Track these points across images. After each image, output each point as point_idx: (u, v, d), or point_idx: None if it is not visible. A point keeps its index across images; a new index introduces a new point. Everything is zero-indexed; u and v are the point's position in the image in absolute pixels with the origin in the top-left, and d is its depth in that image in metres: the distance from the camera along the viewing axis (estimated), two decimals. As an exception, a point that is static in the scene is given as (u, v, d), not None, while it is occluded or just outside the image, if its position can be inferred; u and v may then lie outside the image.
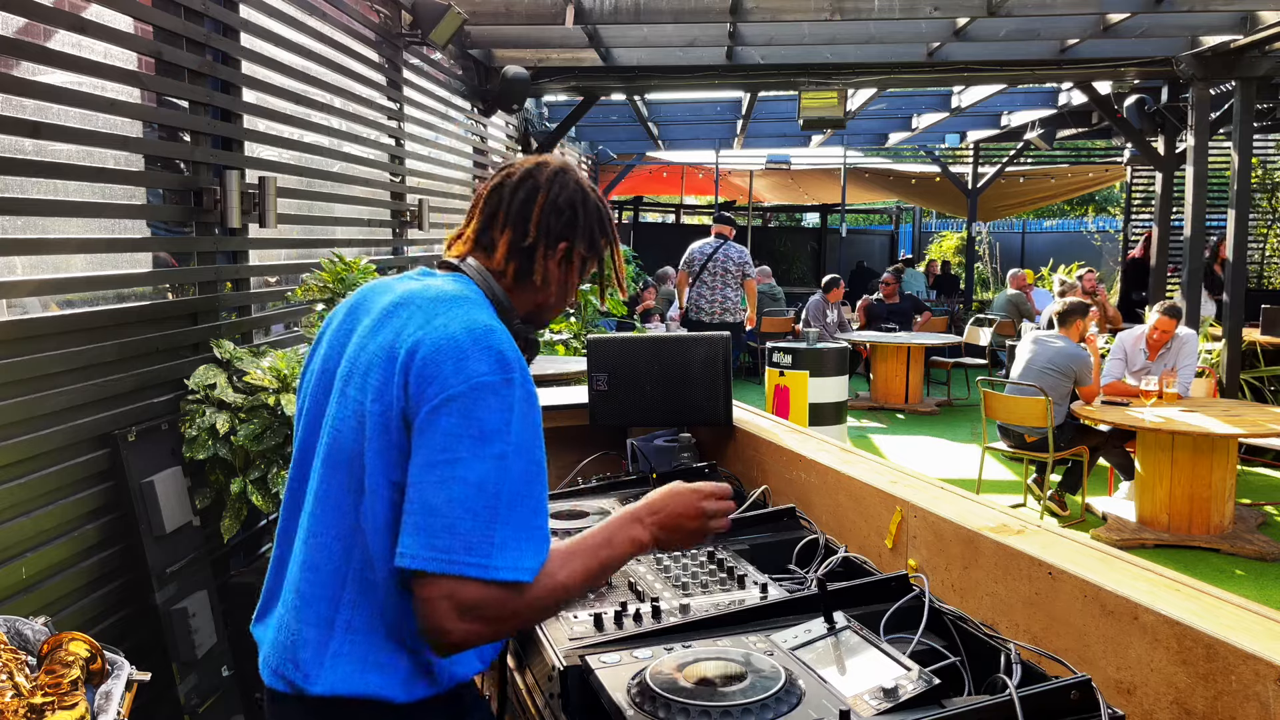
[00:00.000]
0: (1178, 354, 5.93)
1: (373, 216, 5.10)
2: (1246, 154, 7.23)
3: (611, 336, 2.63)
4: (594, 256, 1.54)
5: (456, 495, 1.20)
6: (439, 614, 1.18)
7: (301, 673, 1.30)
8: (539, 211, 1.47)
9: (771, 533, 1.93)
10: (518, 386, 1.26)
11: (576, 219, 1.50)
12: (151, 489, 2.87)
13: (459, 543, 1.18)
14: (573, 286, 1.55)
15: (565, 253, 1.50)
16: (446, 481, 1.20)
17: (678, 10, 6.24)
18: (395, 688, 1.29)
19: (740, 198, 17.76)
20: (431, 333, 1.29)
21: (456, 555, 1.18)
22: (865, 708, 1.16)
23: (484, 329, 1.29)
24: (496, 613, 1.20)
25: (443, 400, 1.23)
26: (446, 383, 1.24)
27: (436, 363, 1.26)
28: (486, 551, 1.19)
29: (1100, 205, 23.29)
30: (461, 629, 1.19)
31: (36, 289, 2.68)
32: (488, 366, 1.25)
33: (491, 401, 1.23)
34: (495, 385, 1.24)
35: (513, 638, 1.62)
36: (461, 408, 1.23)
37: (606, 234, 1.56)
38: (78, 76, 2.77)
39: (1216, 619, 1.24)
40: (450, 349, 1.26)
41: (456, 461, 1.21)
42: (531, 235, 1.47)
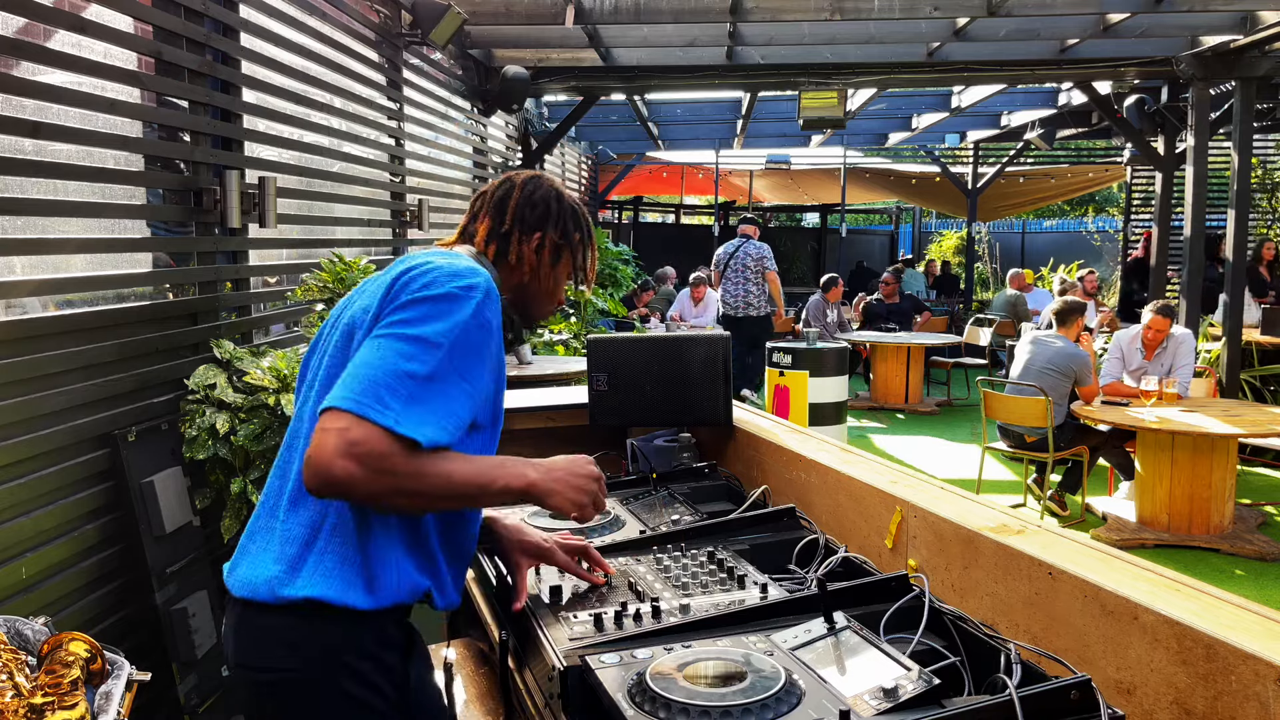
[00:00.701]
0: (1175, 354, 5.93)
1: (373, 216, 5.10)
2: (1246, 154, 7.23)
3: (611, 336, 2.63)
4: (566, 245, 1.66)
5: (385, 360, 1.32)
6: (326, 443, 1.26)
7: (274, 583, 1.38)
8: (514, 204, 1.65)
9: (771, 533, 1.93)
10: (475, 305, 1.39)
11: (549, 212, 1.65)
12: (151, 489, 2.87)
13: (371, 392, 1.29)
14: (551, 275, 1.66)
15: (541, 241, 1.64)
16: (383, 348, 1.34)
17: (678, 10, 6.24)
18: (356, 594, 1.38)
19: (740, 198, 17.76)
20: (419, 263, 1.45)
21: (364, 398, 1.28)
22: (865, 708, 1.16)
23: (468, 268, 1.44)
24: (377, 459, 1.27)
25: (409, 298, 1.39)
26: (418, 289, 1.39)
27: (416, 278, 1.41)
28: (391, 404, 1.28)
29: (1100, 205, 23.30)
30: (340, 464, 1.26)
31: (36, 289, 2.68)
32: (456, 286, 1.39)
33: (446, 307, 1.37)
34: (456, 297, 1.38)
35: (512, 639, 1.62)
36: (419, 305, 1.37)
37: (581, 229, 1.69)
38: (78, 76, 2.77)
39: (1216, 619, 1.24)
40: (432, 272, 1.41)
41: (396, 338, 1.34)
42: (507, 223, 1.63)
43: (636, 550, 1.80)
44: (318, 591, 1.36)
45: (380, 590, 1.40)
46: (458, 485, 1.36)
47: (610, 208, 17.55)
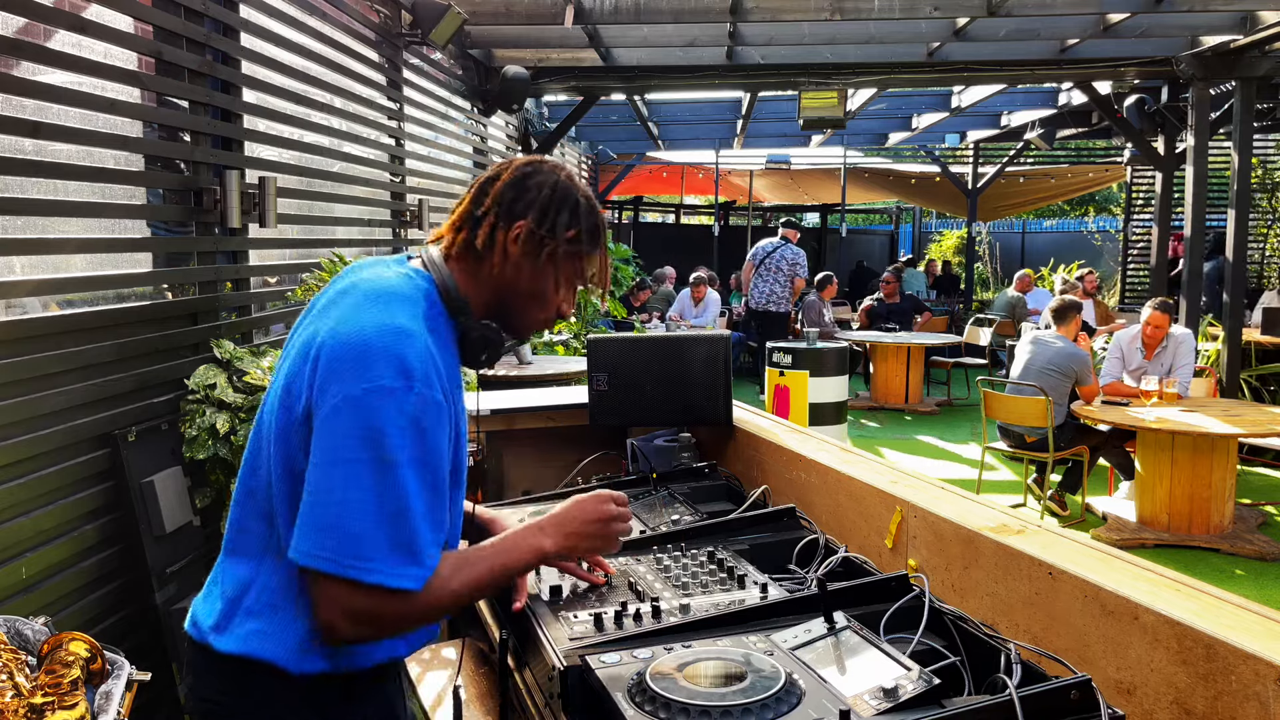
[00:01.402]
0: (1174, 353, 5.93)
1: (373, 216, 5.10)
2: (1246, 154, 7.23)
3: (611, 336, 2.63)
4: (551, 239, 1.40)
5: (348, 499, 1.21)
6: (329, 615, 1.24)
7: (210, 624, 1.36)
8: (500, 186, 1.43)
9: (771, 533, 1.93)
10: (416, 395, 1.24)
11: (537, 198, 1.41)
12: (151, 489, 2.87)
13: (348, 547, 1.21)
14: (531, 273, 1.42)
15: (524, 233, 1.40)
16: (339, 485, 1.22)
17: (678, 10, 6.24)
18: (289, 658, 1.33)
19: (740, 198, 17.76)
20: (343, 328, 1.28)
21: (345, 559, 1.21)
22: (865, 708, 1.16)
23: (395, 332, 1.26)
24: (384, 618, 1.25)
25: (340, 401, 1.23)
26: (345, 384, 1.24)
27: (341, 360, 1.25)
28: (372, 556, 1.21)
29: (1100, 205, 23.29)
30: (353, 631, 1.25)
31: (36, 289, 2.68)
32: (389, 372, 1.23)
33: (388, 407, 1.23)
34: (395, 391, 1.23)
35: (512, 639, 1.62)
36: (357, 412, 1.22)
37: (579, 225, 1.43)
38: (78, 76, 2.77)
39: (1216, 619, 1.24)
40: (356, 348, 1.25)
41: (349, 463, 1.22)
42: (485, 206, 1.42)
43: (636, 550, 1.80)
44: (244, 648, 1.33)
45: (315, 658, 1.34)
46: (473, 594, 1.35)
47: (610, 208, 17.54)
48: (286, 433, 1.31)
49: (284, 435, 1.31)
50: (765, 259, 9.72)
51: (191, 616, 1.41)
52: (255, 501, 1.37)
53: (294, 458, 1.30)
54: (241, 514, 1.39)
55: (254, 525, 1.37)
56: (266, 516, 1.35)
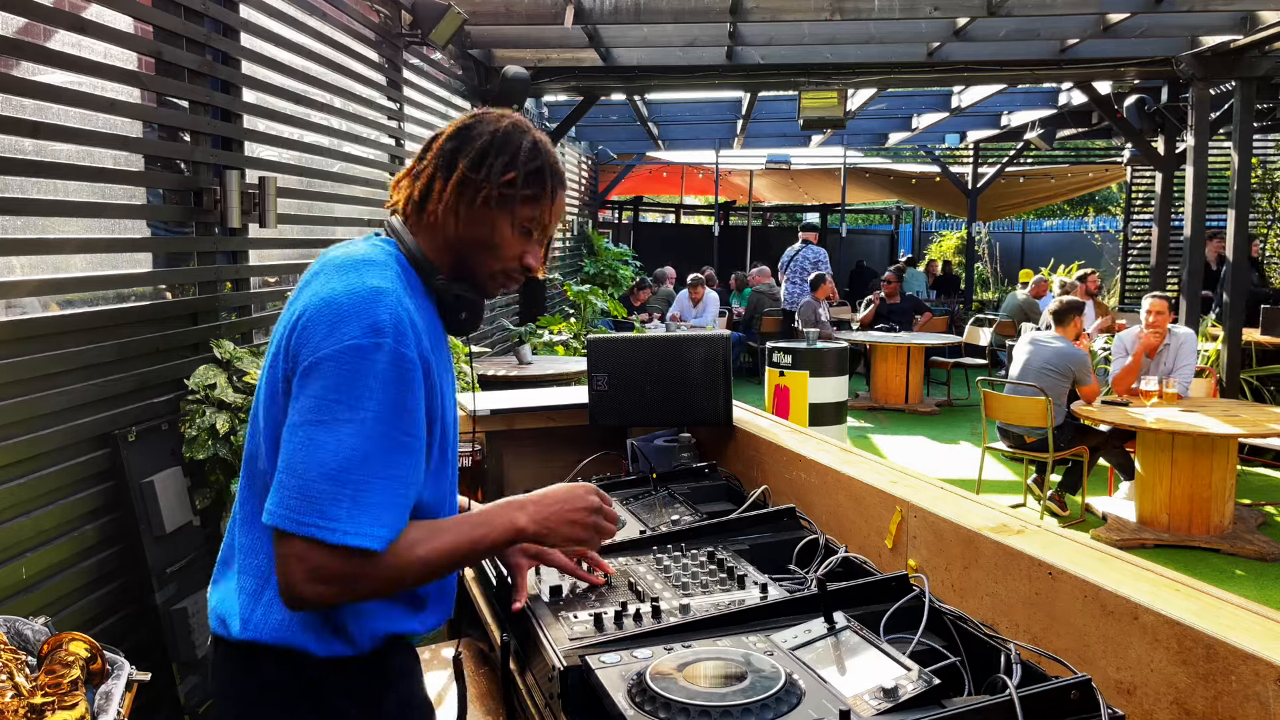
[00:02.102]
0: (1175, 354, 5.93)
1: (373, 217, 5.10)
2: (1246, 154, 7.23)
3: (611, 336, 2.63)
4: (486, 183, 1.36)
5: (314, 458, 1.20)
6: (289, 572, 1.21)
7: (238, 620, 1.34)
8: (443, 138, 1.41)
9: (771, 533, 1.93)
10: (387, 352, 1.24)
11: (475, 145, 1.38)
12: (151, 489, 2.87)
13: (310, 505, 1.20)
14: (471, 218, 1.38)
15: (457, 179, 1.37)
16: (306, 444, 1.21)
17: (678, 10, 6.24)
18: (313, 641, 1.32)
19: (740, 198, 17.76)
20: (316, 298, 1.28)
21: (306, 517, 1.20)
22: (865, 708, 1.16)
23: (368, 291, 1.26)
24: (344, 578, 1.22)
25: (312, 362, 1.23)
26: (318, 345, 1.24)
27: (314, 324, 1.25)
28: (335, 515, 1.20)
29: (1100, 205, 23.29)
30: (311, 590, 1.22)
31: (36, 289, 2.68)
32: (359, 330, 1.23)
33: (358, 365, 1.22)
34: (364, 349, 1.22)
35: (512, 640, 1.62)
36: (328, 370, 1.22)
37: (516, 169, 1.38)
38: (78, 76, 2.77)
39: (1216, 619, 1.24)
40: (328, 311, 1.25)
41: (318, 424, 1.21)
42: (426, 160, 1.41)
43: (636, 550, 1.80)
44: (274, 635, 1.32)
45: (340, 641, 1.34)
46: (442, 563, 1.31)
47: (610, 208, 17.55)
48: (271, 409, 1.31)
49: (270, 411, 1.31)
50: (789, 263, 10.73)
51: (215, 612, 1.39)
52: (254, 487, 1.37)
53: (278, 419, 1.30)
54: (247, 508, 1.38)
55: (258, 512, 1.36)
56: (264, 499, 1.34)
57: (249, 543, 1.36)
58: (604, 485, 2.33)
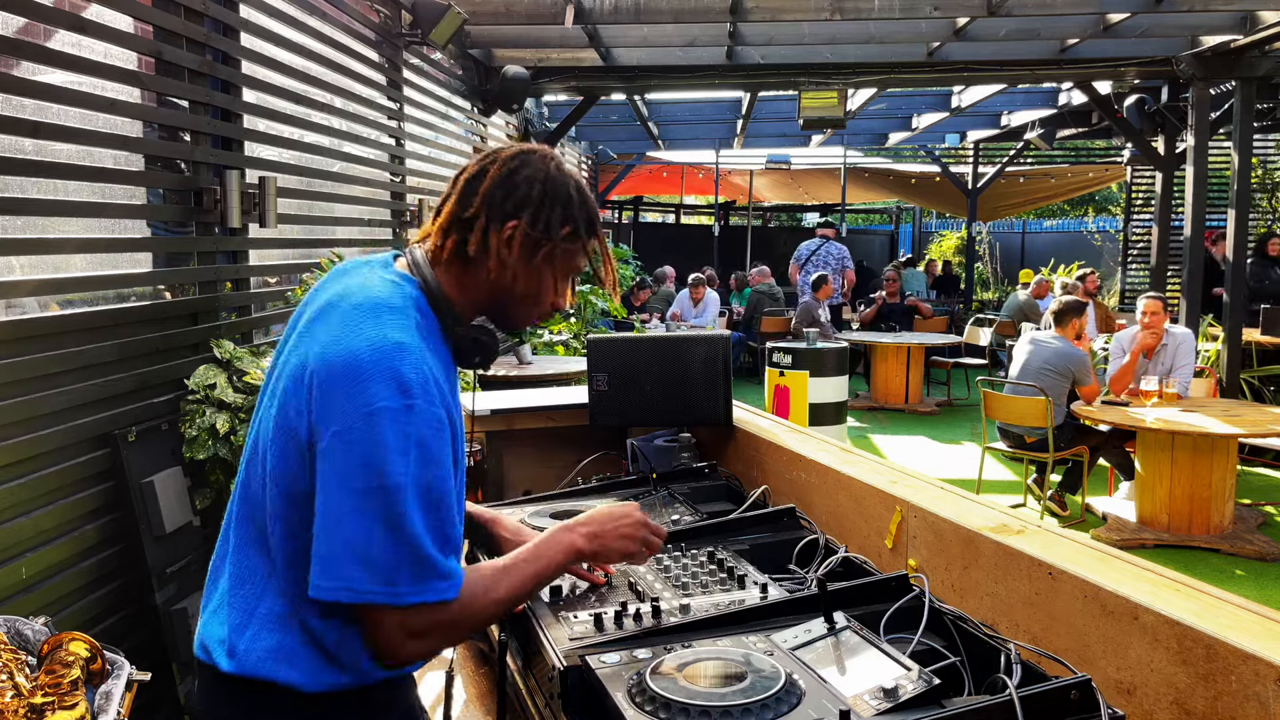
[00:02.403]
0: (1175, 354, 5.93)
1: (373, 216, 5.10)
2: (1246, 154, 7.23)
3: (611, 336, 2.63)
4: (547, 240, 1.36)
5: (360, 527, 1.20)
6: (388, 639, 1.25)
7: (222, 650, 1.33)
8: (488, 184, 1.37)
9: (771, 533, 1.93)
10: (416, 413, 1.23)
11: (530, 195, 1.36)
12: (151, 489, 2.87)
13: (375, 575, 1.21)
14: (527, 274, 1.38)
15: (515, 233, 1.35)
16: (349, 515, 1.20)
17: (678, 10, 6.24)
18: (302, 676, 1.31)
19: (740, 198, 17.76)
20: (335, 350, 1.25)
21: (371, 586, 1.21)
22: (865, 708, 1.16)
23: (391, 347, 1.23)
24: (432, 631, 1.27)
25: (341, 428, 1.21)
26: (344, 410, 1.21)
27: (336, 384, 1.22)
28: (396, 580, 1.22)
29: (1100, 205, 23.29)
30: (410, 649, 1.26)
31: (36, 289, 2.68)
32: (386, 391, 1.21)
33: (388, 429, 1.20)
34: (395, 411, 1.21)
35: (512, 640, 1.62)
36: (360, 437, 1.20)
37: (575, 222, 1.39)
38: (78, 76, 2.77)
39: (1216, 619, 1.24)
40: (350, 370, 1.22)
41: (357, 493, 1.20)
42: (474, 208, 1.36)
43: (636, 550, 1.79)
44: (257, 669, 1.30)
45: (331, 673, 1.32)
46: (521, 596, 1.38)
47: (610, 208, 17.55)
48: (285, 456, 1.28)
49: (283, 458, 1.28)
50: (810, 257, 10.77)
51: (200, 641, 1.38)
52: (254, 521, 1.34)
53: (295, 479, 1.27)
54: (241, 534, 1.36)
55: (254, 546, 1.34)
56: (263, 537, 1.33)
57: (238, 571, 1.34)
58: (604, 485, 2.33)
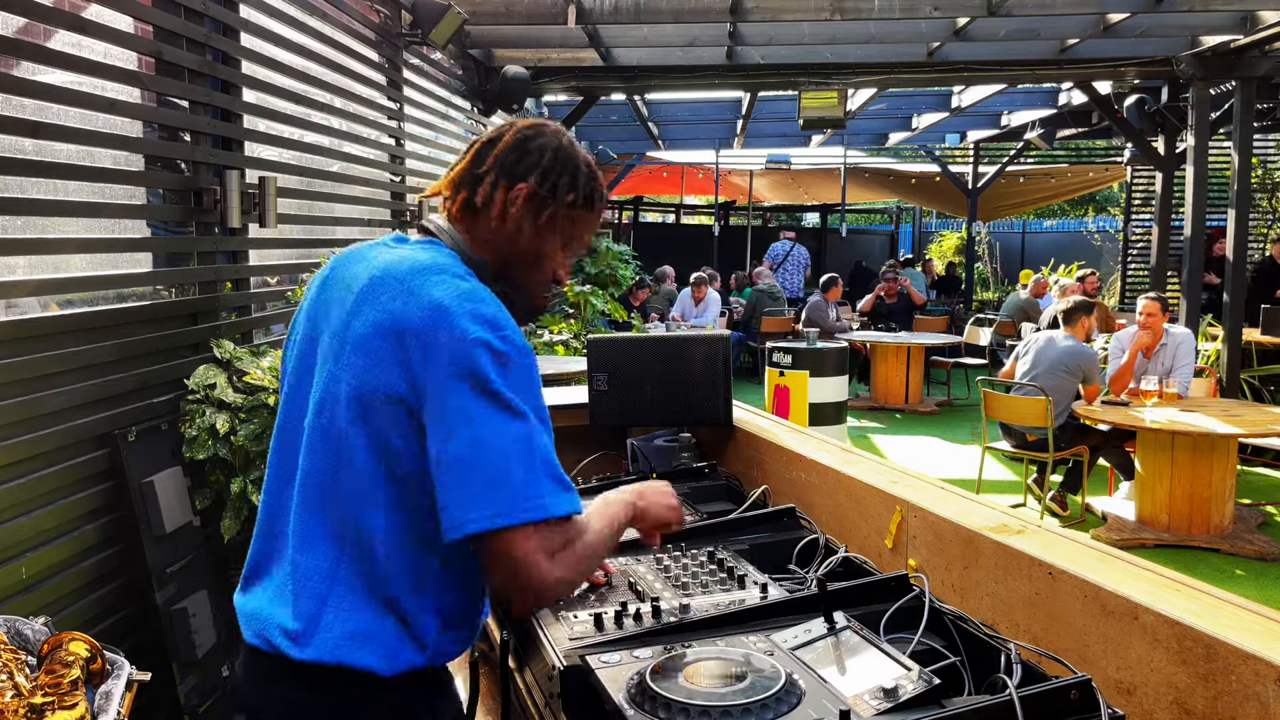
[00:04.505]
0: (1174, 354, 5.93)
1: (373, 216, 5.10)
2: (1246, 154, 7.23)
3: (612, 336, 2.63)
4: (553, 201, 1.42)
5: (500, 449, 1.22)
6: (532, 564, 1.22)
7: (290, 639, 1.31)
8: (503, 146, 1.43)
9: (771, 533, 1.93)
10: (511, 343, 1.27)
11: (539, 160, 1.41)
12: (151, 489, 2.87)
13: (522, 492, 1.22)
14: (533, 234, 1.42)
15: (526, 194, 1.40)
16: (476, 442, 1.22)
17: (678, 10, 6.24)
18: (380, 660, 1.30)
19: (740, 197, 17.76)
20: (419, 305, 1.28)
21: (526, 503, 1.22)
22: (865, 708, 1.16)
23: (469, 292, 1.29)
24: (572, 548, 1.27)
25: (446, 369, 1.24)
26: (445, 351, 1.24)
27: (432, 333, 1.25)
28: (542, 493, 1.23)
29: (1100, 205, 23.29)
30: (555, 575, 1.24)
31: (36, 289, 2.68)
32: (480, 327, 1.25)
33: (489, 359, 1.24)
34: (490, 343, 1.25)
35: (512, 639, 1.62)
36: (465, 371, 1.23)
37: (578, 188, 1.44)
38: (78, 76, 2.77)
39: (1216, 619, 1.24)
40: (442, 318, 1.26)
41: (475, 420, 1.22)
42: (485, 166, 1.42)
43: (636, 550, 1.80)
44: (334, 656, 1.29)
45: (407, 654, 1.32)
46: (606, 539, 1.40)
47: (610, 208, 17.54)
48: (369, 416, 1.28)
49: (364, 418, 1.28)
50: (786, 258, 13.33)
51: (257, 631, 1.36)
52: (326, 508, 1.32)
53: (385, 437, 1.27)
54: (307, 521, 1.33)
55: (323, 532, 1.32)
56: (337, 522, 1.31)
57: (310, 564, 1.32)
58: (604, 485, 2.33)
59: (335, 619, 1.30)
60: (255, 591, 1.40)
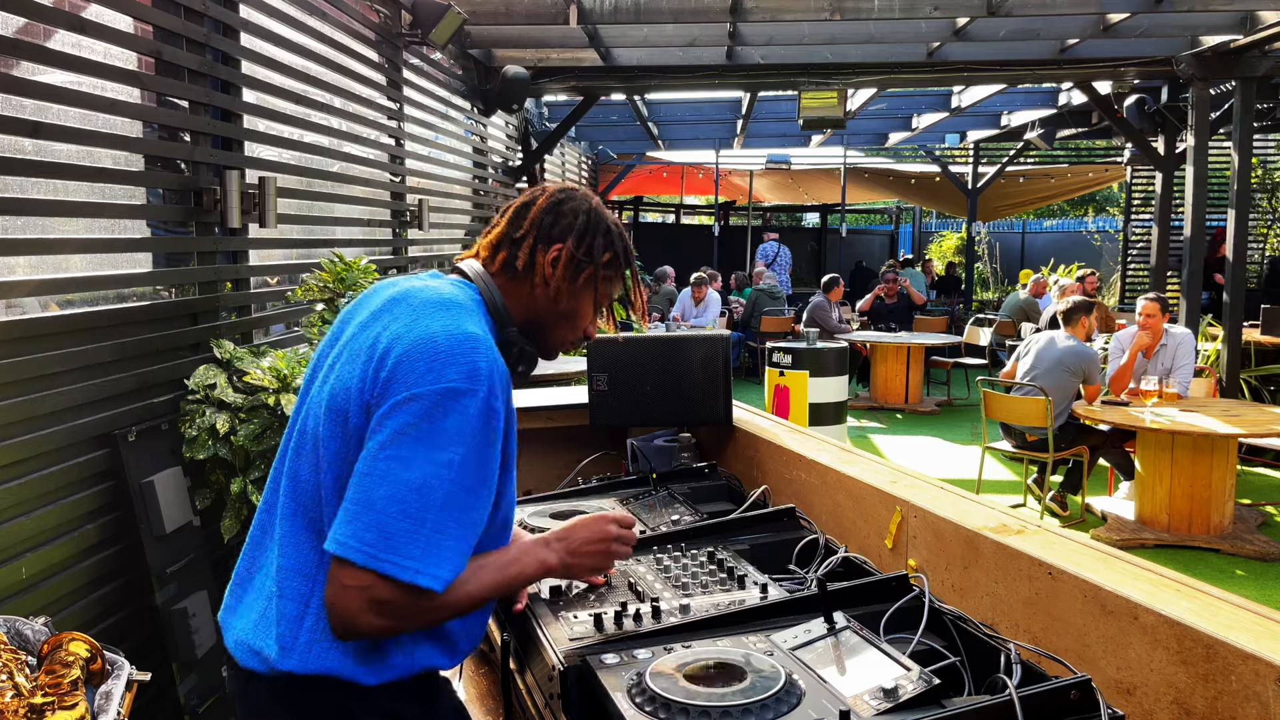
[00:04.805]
0: (1174, 354, 5.93)
1: (373, 216, 5.10)
2: (1246, 154, 7.23)
3: (612, 336, 2.63)
4: (590, 264, 1.48)
5: (394, 494, 1.22)
6: (349, 601, 1.22)
7: (275, 649, 1.33)
8: (537, 210, 1.50)
9: (771, 533, 1.93)
10: (482, 400, 1.27)
11: (574, 223, 1.48)
12: (151, 489, 2.87)
13: (386, 541, 1.21)
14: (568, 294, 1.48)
15: (560, 255, 1.46)
16: (387, 478, 1.23)
17: (678, 10, 6.24)
18: (362, 670, 1.32)
19: (740, 198, 17.76)
20: (412, 331, 1.30)
21: (382, 552, 1.21)
22: (865, 708, 1.16)
23: (465, 336, 1.30)
24: (405, 612, 1.25)
25: (406, 398, 1.25)
26: (414, 382, 1.26)
27: (410, 361, 1.27)
28: (410, 554, 1.21)
29: (1100, 205, 23.29)
30: (368, 621, 1.23)
31: (36, 289, 2.68)
32: (458, 374, 1.26)
33: (452, 408, 1.25)
34: (461, 393, 1.25)
35: (513, 640, 1.62)
36: (421, 408, 1.24)
37: (615, 251, 1.51)
38: (78, 76, 2.77)
39: (1216, 619, 1.24)
40: (426, 350, 1.27)
41: (401, 460, 1.23)
42: (524, 229, 1.48)
43: (636, 550, 1.80)
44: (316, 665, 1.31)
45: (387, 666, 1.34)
46: (487, 597, 1.35)
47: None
48: (340, 435, 1.31)
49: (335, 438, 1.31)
50: (776, 258, 13.85)
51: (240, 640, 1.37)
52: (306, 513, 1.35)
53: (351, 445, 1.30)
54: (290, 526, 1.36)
55: (305, 537, 1.35)
56: (317, 527, 1.33)
57: (292, 565, 1.35)
58: (604, 485, 2.33)
59: (320, 622, 1.31)
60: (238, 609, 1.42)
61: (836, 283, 10.22)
